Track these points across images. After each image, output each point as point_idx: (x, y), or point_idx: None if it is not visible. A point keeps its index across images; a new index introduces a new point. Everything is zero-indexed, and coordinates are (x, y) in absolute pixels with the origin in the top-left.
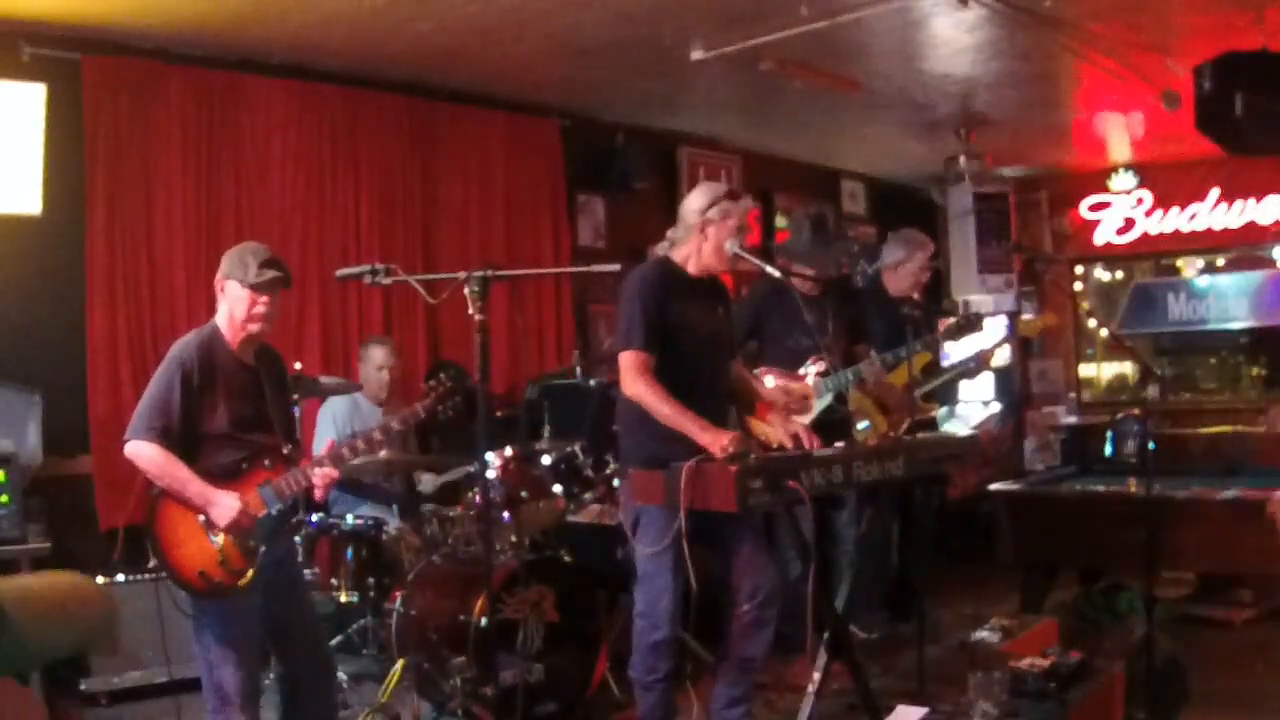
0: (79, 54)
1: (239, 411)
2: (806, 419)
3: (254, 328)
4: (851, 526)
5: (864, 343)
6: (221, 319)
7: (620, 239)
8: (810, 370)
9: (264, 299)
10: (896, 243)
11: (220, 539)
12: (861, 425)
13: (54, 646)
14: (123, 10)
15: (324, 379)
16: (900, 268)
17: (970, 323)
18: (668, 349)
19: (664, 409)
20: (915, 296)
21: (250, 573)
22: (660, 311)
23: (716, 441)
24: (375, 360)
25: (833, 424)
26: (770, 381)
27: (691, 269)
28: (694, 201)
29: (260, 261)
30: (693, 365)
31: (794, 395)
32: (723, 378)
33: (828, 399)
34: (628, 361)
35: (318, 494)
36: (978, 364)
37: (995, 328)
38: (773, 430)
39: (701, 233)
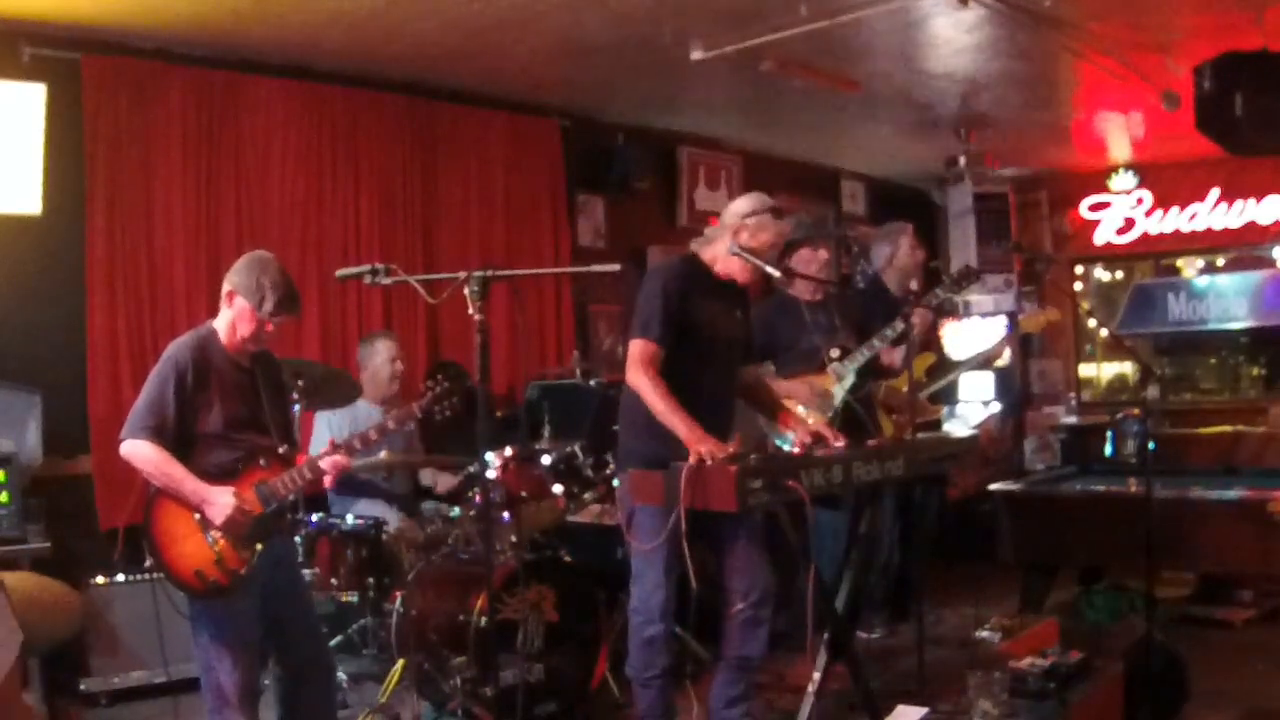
0: (79, 54)
1: (233, 412)
2: (828, 412)
3: (253, 347)
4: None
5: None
6: (221, 324)
7: (620, 239)
8: (833, 356)
9: (271, 326)
10: (879, 241)
11: (216, 538)
12: None
13: (44, 637)
14: (123, 10)
15: None
16: (892, 262)
17: (968, 274)
18: (680, 343)
19: (658, 404)
20: (914, 286)
21: (245, 572)
22: (681, 307)
23: (700, 444)
24: (383, 353)
25: (852, 428)
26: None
27: (718, 269)
28: (739, 205)
29: (279, 299)
30: (701, 363)
31: (815, 389)
32: (733, 381)
33: (850, 379)
34: (637, 350)
35: (327, 482)
36: (984, 363)
37: (995, 328)
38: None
39: (734, 236)
